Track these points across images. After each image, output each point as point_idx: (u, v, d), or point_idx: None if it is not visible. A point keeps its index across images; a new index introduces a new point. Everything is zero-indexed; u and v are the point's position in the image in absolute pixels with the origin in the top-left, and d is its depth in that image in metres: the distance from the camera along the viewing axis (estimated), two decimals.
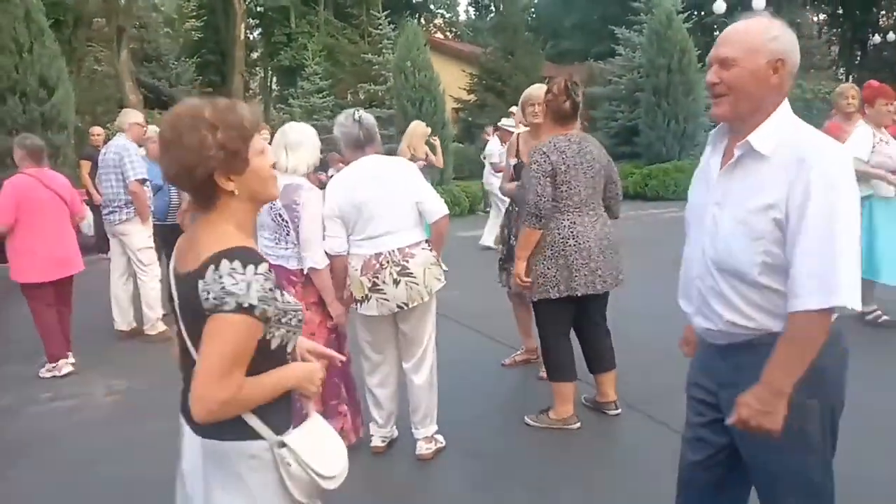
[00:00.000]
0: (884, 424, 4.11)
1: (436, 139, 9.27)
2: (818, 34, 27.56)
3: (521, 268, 4.23)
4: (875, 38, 35.01)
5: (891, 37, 32.80)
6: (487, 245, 10.18)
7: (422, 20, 39.73)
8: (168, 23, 27.44)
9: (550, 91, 4.25)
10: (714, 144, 2.24)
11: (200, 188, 1.77)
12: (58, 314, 6.01)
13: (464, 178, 18.03)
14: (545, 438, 4.29)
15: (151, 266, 6.72)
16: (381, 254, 3.85)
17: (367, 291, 3.87)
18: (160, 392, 5.41)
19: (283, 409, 1.88)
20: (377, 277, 3.84)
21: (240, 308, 1.66)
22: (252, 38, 36.32)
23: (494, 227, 8.96)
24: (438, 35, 42.17)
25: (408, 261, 3.85)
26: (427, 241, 4.01)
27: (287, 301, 1.84)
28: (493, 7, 41.60)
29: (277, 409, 1.84)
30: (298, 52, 28.52)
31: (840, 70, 36.10)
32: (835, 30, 37.18)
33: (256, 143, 1.82)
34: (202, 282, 1.69)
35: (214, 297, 1.67)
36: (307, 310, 4.08)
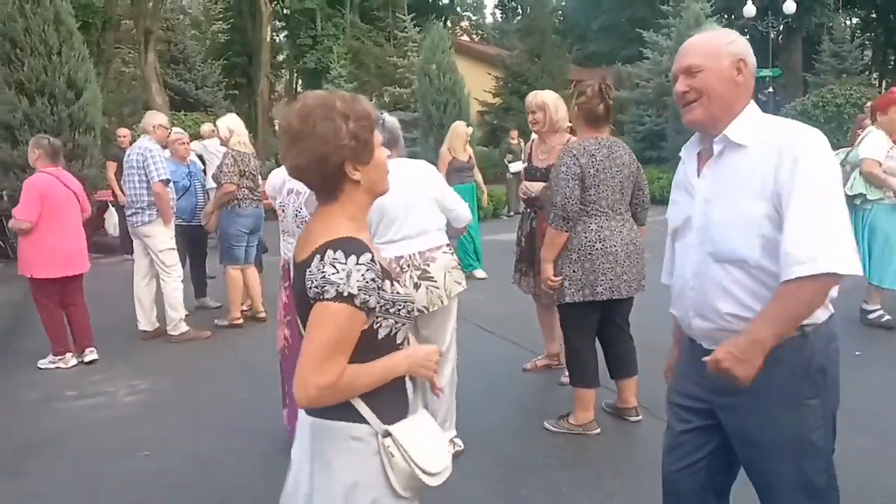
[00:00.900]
0: None
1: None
2: (851, 38, 27.08)
3: (550, 270, 4.19)
4: None
5: None
6: None
7: (448, 23, 39.70)
8: (195, 25, 27.77)
9: (584, 93, 4.22)
10: (686, 158, 2.33)
11: (329, 178, 1.82)
12: (69, 310, 6.14)
13: (488, 182, 17.95)
14: (565, 444, 4.24)
15: (174, 267, 6.74)
16: (402, 257, 3.82)
17: None
18: (181, 392, 5.47)
19: (394, 399, 1.89)
20: (397, 282, 3.80)
21: (340, 297, 1.70)
22: (278, 41, 36.53)
23: None
24: (464, 38, 42.19)
25: (429, 265, 3.83)
26: (448, 245, 3.98)
27: (396, 292, 1.86)
28: (520, 9, 41.52)
29: (387, 398, 1.86)
30: (324, 55, 28.65)
31: (873, 75, 35.55)
32: (868, 34, 36.59)
33: (378, 138, 1.89)
34: (308, 270, 1.75)
35: (316, 286, 1.72)
36: None
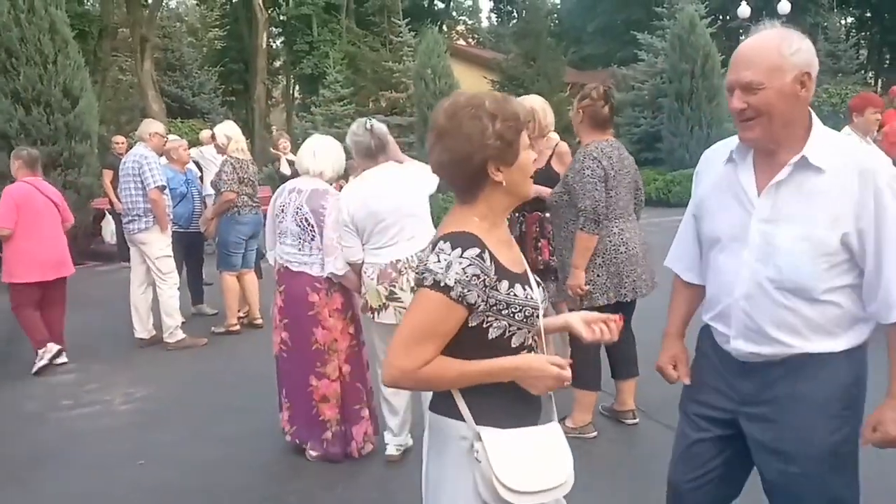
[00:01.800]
0: None
1: None
2: (846, 38, 27.09)
3: (581, 277, 4.10)
4: None
5: None
6: None
7: (443, 27, 39.73)
8: (191, 32, 27.76)
9: (589, 96, 4.21)
10: (740, 161, 2.12)
11: (471, 177, 1.81)
12: (45, 313, 6.29)
13: None
14: None
15: (170, 274, 6.73)
16: (399, 260, 3.82)
17: (385, 300, 3.84)
18: (178, 400, 5.46)
19: (502, 405, 1.82)
20: (394, 286, 3.81)
21: (436, 285, 1.71)
22: (274, 47, 36.52)
23: None
24: (461, 42, 42.20)
25: None
26: None
27: (514, 294, 1.80)
28: (516, 13, 41.55)
29: (493, 402, 1.81)
30: (320, 60, 28.61)
31: (869, 74, 35.56)
32: (863, 33, 36.59)
33: (525, 139, 1.85)
34: (420, 259, 1.81)
35: (419, 273, 1.76)
36: (329, 316, 4.09)
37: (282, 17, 34.21)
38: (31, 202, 6.12)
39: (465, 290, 1.71)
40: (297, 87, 37.70)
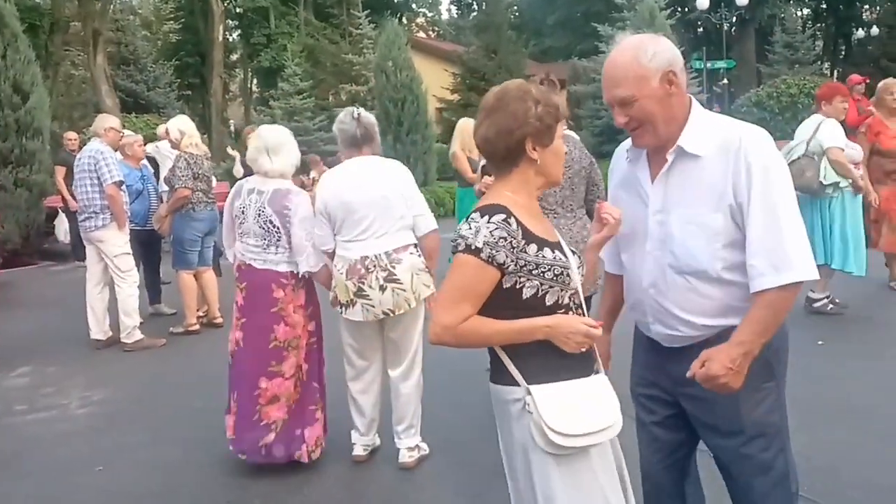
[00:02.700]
0: (883, 427, 4.05)
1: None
2: (802, 29, 27.59)
3: None
4: (859, 33, 35.21)
5: (874, 31, 32.99)
6: None
7: (403, 19, 39.56)
8: (145, 25, 27.24)
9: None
10: (634, 157, 2.24)
11: (511, 150, 2.02)
12: None
13: (448, 179, 17.91)
14: None
15: (129, 273, 6.56)
16: (368, 258, 3.73)
17: (353, 296, 3.75)
18: (137, 402, 5.33)
19: (545, 362, 1.99)
20: (363, 282, 3.73)
21: (468, 249, 1.92)
22: (231, 40, 36.12)
23: None
24: (421, 34, 42.08)
25: (395, 266, 3.73)
26: (415, 246, 3.88)
27: (542, 256, 1.98)
28: (476, 6, 41.56)
29: (537, 361, 1.99)
30: (278, 53, 28.37)
31: (825, 65, 36.26)
32: (819, 25, 37.31)
33: (560, 130, 2.08)
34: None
35: (454, 240, 1.98)
36: (294, 312, 3.98)
37: (238, 10, 33.85)
38: None
39: (494, 252, 1.91)
40: (255, 81, 37.38)
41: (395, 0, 40.55)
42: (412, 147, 15.68)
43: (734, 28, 31.99)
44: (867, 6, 37.48)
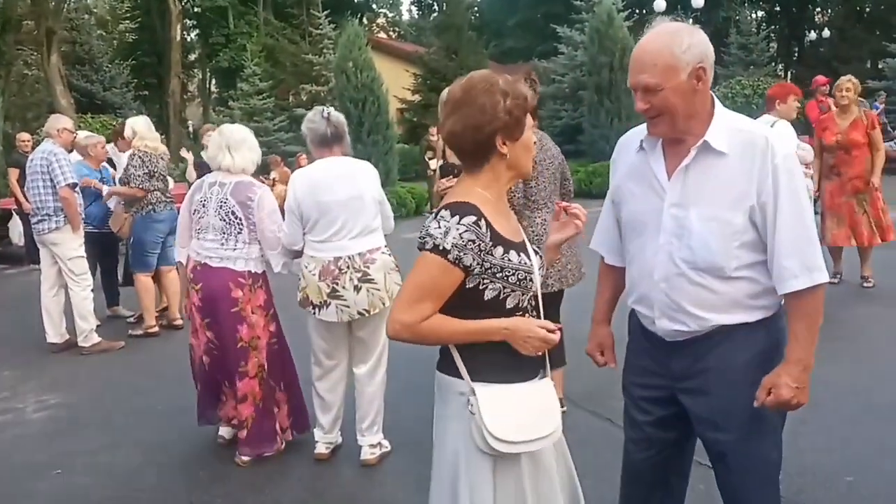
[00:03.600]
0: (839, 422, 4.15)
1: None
2: (757, 31, 28.12)
3: None
4: (811, 35, 35.90)
5: (826, 33, 33.78)
6: None
7: (364, 20, 39.44)
8: (101, 24, 26.80)
9: None
10: (650, 149, 2.21)
11: (480, 146, 1.98)
12: None
13: (409, 179, 17.95)
14: None
15: (83, 276, 6.46)
16: (341, 258, 3.74)
17: (326, 297, 3.75)
18: (95, 406, 5.26)
19: (495, 361, 1.98)
20: (336, 283, 3.73)
21: (435, 249, 1.90)
22: (189, 40, 35.69)
23: None
24: (381, 35, 41.99)
25: (368, 266, 3.75)
26: (386, 246, 3.91)
27: (508, 259, 1.97)
28: (437, 6, 41.60)
29: (487, 359, 1.98)
30: (237, 53, 28.09)
31: (779, 66, 36.92)
32: (773, 27, 37.96)
33: (529, 121, 2.05)
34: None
35: (420, 237, 1.94)
36: (252, 313, 3.99)
37: (196, 9, 33.45)
38: None
39: (461, 254, 1.89)
40: (214, 81, 36.93)
41: (355, 0, 40.42)
42: (373, 147, 15.63)
43: None
44: (819, 9, 38.29)
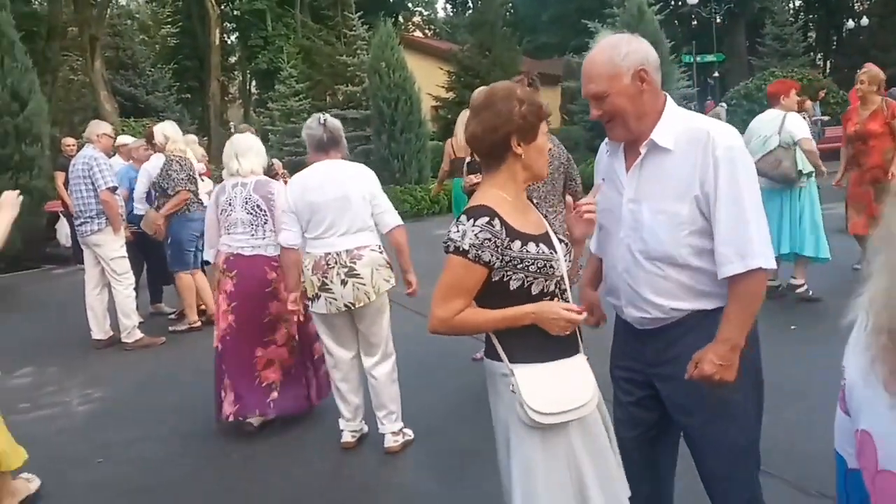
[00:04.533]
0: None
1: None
2: (793, 20, 27.66)
3: None
4: (850, 23, 35.15)
5: (864, 22, 33.05)
6: None
7: (399, 19, 39.66)
8: (143, 30, 27.35)
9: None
10: (612, 150, 2.40)
11: (496, 146, 2.20)
12: None
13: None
14: None
15: (125, 275, 6.73)
16: (330, 254, 3.97)
17: (317, 290, 3.99)
18: (136, 399, 5.49)
19: (529, 343, 2.18)
20: (326, 277, 3.96)
21: (456, 250, 2.12)
22: (229, 42, 36.22)
23: None
24: (417, 33, 42.14)
25: (355, 262, 3.95)
26: (378, 245, 4.09)
27: (526, 250, 2.16)
28: (471, 3, 41.59)
29: (521, 342, 2.18)
30: (275, 55, 28.47)
31: (817, 56, 36.22)
32: (810, 16, 37.27)
33: (544, 128, 2.26)
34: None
35: (444, 242, 2.16)
36: (283, 291, 4.43)
37: (235, 13, 33.91)
38: None
39: (479, 252, 2.10)
40: (254, 83, 37.41)
41: (390, 0, 40.63)
42: (406, 146, 15.83)
43: (724, 21, 32.02)
44: None
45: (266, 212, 4.52)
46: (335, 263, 3.95)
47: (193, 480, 4.09)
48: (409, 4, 45.87)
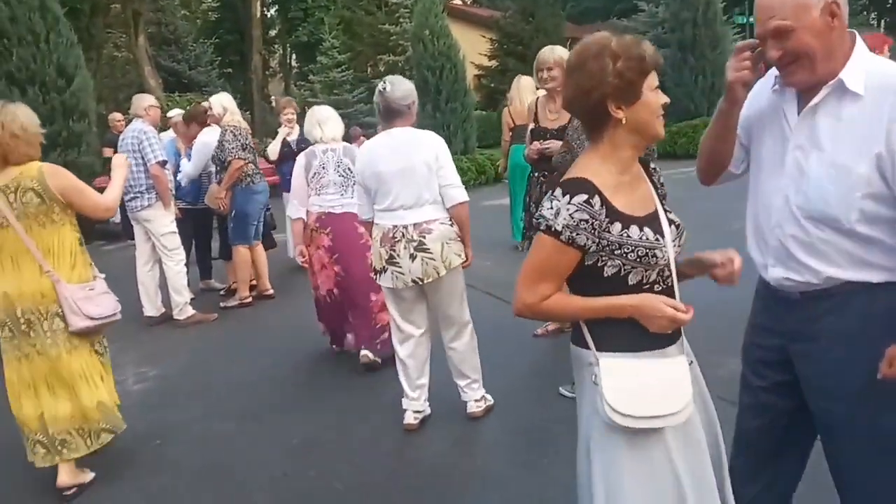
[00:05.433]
0: None
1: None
2: None
3: None
4: None
5: None
6: None
7: None
8: (184, 4, 27.41)
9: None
10: (782, 88, 2.06)
11: (592, 112, 1.92)
12: None
13: (489, 146, 17.81)
14: None
15: (176, 251, 6.65)
16: (397, 227, 3.84)
17: (385, 263, 3.87)
18: (190, 377, 5.43)
19: (621, 330, 1.92)
20: (394, 250, 3.84)
21: (548, 230, 1.87)
22: (269, 15, 36.12)
23: None
24: (457, 1, 41.65)
25: (424, 236, 3.81)
26: (448, 218, 3.92)
27: (627, 235, 1.88)
28: None
29: (613, 332, 1.93)
30: (316, 27, 28.29)
31: (871, 14, 35.03)
32: None
33: (652, 80, 1.92)
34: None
35: (536, 219, 1.92)
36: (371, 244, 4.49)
37: None
38: None
39: (574, 234, 1.85)
40: (294, 56, 37.34)
41: None
42: (451, 115, 15.57)
43: None
44: None
45: (354, 174, 4.69)
46: (402, 237, 3.81)
47: (253, 464, 3.96)
48: None
